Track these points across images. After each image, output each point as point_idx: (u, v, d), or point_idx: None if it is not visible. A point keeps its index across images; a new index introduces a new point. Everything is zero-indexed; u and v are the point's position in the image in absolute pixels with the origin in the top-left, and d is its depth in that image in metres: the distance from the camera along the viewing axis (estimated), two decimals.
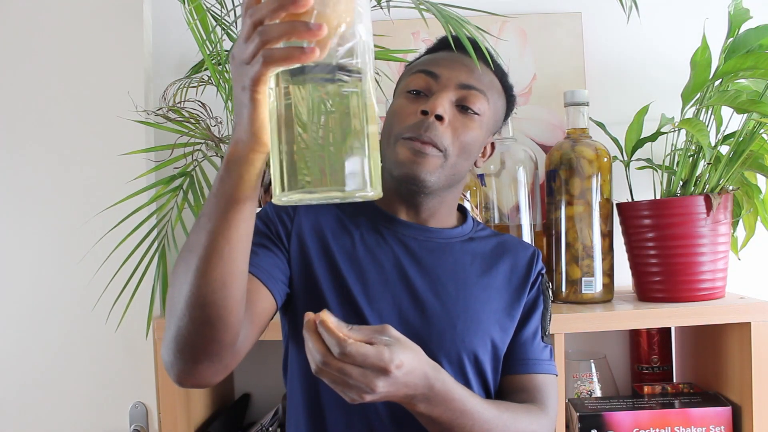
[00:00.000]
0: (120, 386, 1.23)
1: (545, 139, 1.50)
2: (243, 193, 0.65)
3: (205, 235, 0.66)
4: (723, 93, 1.19)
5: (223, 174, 0.65)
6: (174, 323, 0.69)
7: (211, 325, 0.68)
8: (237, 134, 0.63)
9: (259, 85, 0.57)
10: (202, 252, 0.66)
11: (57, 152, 1.24)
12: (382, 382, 0.66)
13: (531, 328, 0.92)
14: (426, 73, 0.89)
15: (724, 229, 1.21)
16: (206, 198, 1.18)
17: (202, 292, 0.67)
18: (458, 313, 0.87)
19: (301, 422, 0.88)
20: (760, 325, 1.14)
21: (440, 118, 0.85)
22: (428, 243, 0.92)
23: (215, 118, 1.24)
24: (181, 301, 0.68)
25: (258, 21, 0.55)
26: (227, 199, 0.65)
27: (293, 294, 0.88)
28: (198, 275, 0.66)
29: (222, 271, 0.67)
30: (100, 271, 1.13)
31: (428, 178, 0.86)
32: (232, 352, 0.72)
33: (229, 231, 0.66)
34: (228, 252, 0.66)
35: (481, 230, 0.99)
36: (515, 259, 0.95)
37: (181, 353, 0.70)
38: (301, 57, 0.53)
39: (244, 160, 0.63)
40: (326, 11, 0.54)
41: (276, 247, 0.87)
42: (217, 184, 0.66)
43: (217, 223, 0.66)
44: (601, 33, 1.50)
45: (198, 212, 1.15)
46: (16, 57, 1.25)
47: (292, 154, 0.56)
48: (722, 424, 1.16)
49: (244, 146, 0.62)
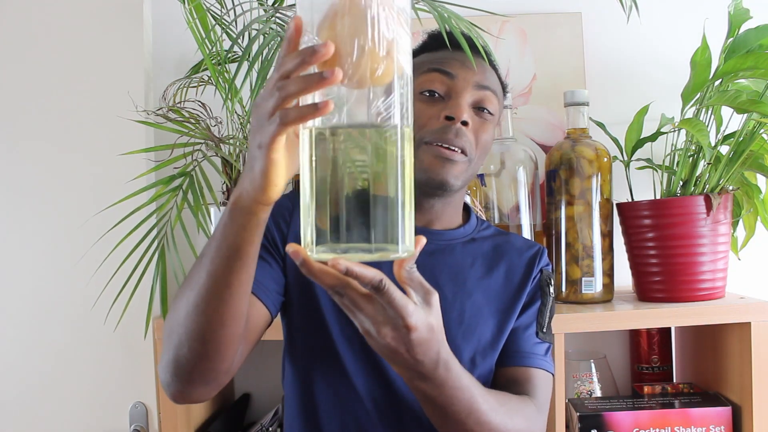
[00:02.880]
0: (120, 386, 1.22)
1: (545, 139, 1.50)
2: (245, 240, 0.64)
3: (205, 276, 0.66)
4: (723, 93, 1.19)
5: (226, 221, 0.64)
6: (172, 350, 0.70)
7: (209, 357, 0.69)
8: (243, 184, 0.61)
9: (275, 144, 0.56)
10: (202, 292, 0.66)
11: (57, 152, 1.24)
12: (391, 332, 0.63)
13: (524, 321, 0.91)
14: (441, 72, 0.88)
15: (724, 229, 1.21)
16: (209, 209, 1.19)
17: (201, 329, 0.67)
18: (454, 319, 0.86)
19: (296, 424, 0.88)
20: (760, 325, 1.14)
21: (466, 123, 0.85)
22: (429, 245, 0.90)
23: (215, 118, 1.24)
24: (180, 333, 0.69)
25: (285, 75, 0.54)
26: (229, 245, 0.64)
27: (288, 301, 0.87)
28: (197, 312, 0.67)
29: (221, 312, 0.67)
30: (99, 271, 1.13)
31: (455, 183, 0.86)
32: (227, 375, 0.74)
33: (230, 276, 0.65)
34: (228, 295, 0.67)
35: (485, 229, 0.97)
36: (515, 260, 0.94)
37: (178, 377, 0.71)
38: (314, 113, 0.52)
39: (248, 210, 0.62)
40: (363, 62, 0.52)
41: (270, 256, 0.86)
42: (219, 229, 0.65)
43: (218, 267, 0.65)
44: (601, 33, 1.50)
45: (197, 212, 1.16)
46: (16, 57, 1.25)
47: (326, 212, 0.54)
48: (722, 424, 1.16)
49: (249, 198, 0.61)
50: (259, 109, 0.57)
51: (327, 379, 0.86)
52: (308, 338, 0.88)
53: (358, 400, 0.84)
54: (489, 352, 0.88)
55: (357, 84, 0.53)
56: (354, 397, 0.84)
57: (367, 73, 0.52)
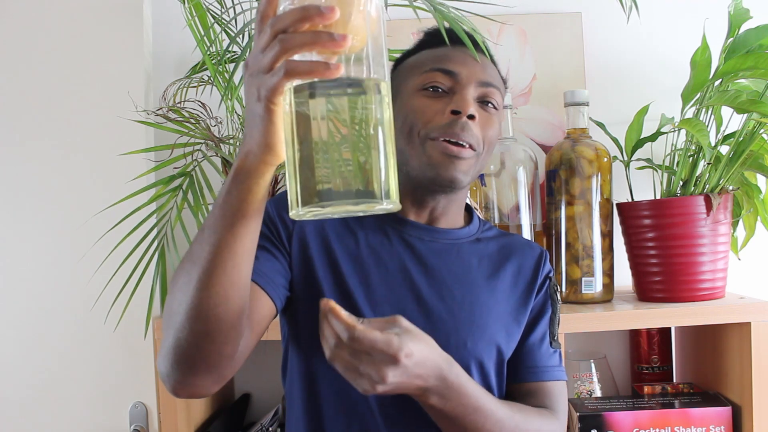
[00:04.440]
0: (120, 386, 1.22)
1: (545, 139, 1.50)
2: (250, 205, 0.63)
3: (208, 247, 0.64)
4: (723, 93, 1.19)
5: (230, 186, 0.63)
6: (173, 334, 0.68)
7: (212, 338, 0.67)
8: (248, 145, 0.60)
9: (277, 96, 0.55)
10: (204, 265, 0.65)
11: (57, 152, 1.24)
12: (392, 371, 0.66)
13: (538, 334, 0.91)
14: (443, 72, 0.87)
15: (724, 229, 1.21)
16: (210, 209, 1.18)
17: (203, 305, 0.65)
18: (463, 318, 0.86)
19: (301, 425, 0.87)
20: (760, 325, 1.14)
21: (472, 117, 0.84)
22: (435, 244, 0.90)
23: (215, 118, 1.24)
24: (181, 313, 0.66)
25: (280, 30, 0.53)
26: (233, 211, 0.63)
27: (294, 297, 0.86)
28: (200, 288, 0.65)
29: (225, 285, 0.65)
30: (99, 271, 1.13)
31: (463, 179, 0.85)
32: (230, 363, 0.71)
33: (234, 244, 0.64)
34: (232, 266, 0.65)
35: (488, 230, 0.97)
36: (522, 261, 0.94)
37: (179, 364, 0.69)
38: (325, 72, 0.52)
39: (254, 172, 0.61)
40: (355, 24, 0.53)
41: (277, 250, 0.85)
42: (222, 196, 0.64)
43: (221, 236, 0.64)
44: (601, 33, 1.50)
45: (197, 212, 1.16)
46: (16, 57, 1.25)
47: (310, 168, 0.54)
48: (722, 424, 1.16)
49: (255, 158, 0.60)
50: (255, 64, 0.56)
51: (330, 375, 0.86)
52: (313, 334, 0.87)
53: (363, 398, 0.84)
54: (500, 352, 0.88)
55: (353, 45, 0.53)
56: (358, 396, 0.84)
57: (359, 35, 0.53)
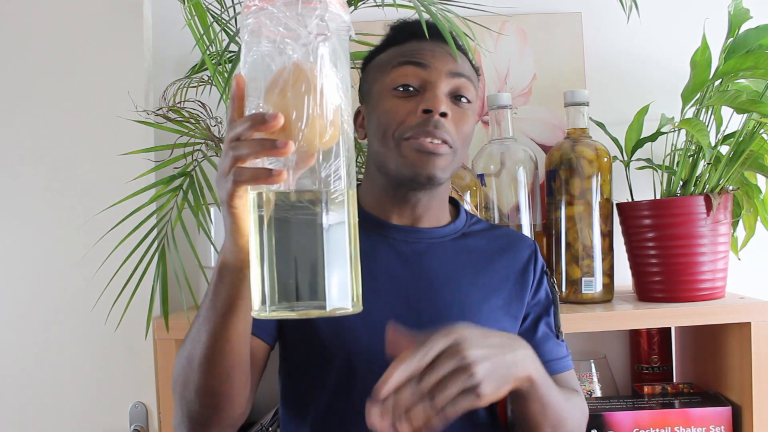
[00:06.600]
0: (120, 386, 1.22)
1: (545, 139, 1.50)
2: (237, 298, 0.66)
3: (204, 334, 0.69)
4: (723, 93, 1.19)
5: (216, 281, 0.66)
6: (185, 406, 0.74)
7: (221, 408, 0.73)
8: (224, 243, 0.64)
9: (233, 200, 0.57)
10: (203, 350, 0.69)
11: (57, 152, 1.24)
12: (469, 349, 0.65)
13: (545, 329, 0.93)
14: (413, 64, 0.85)
15: (724, 229, 1.21)
16: (210, 209, 1.19)
17: (208, 384, 0.71)
18: (453, 319, 0.84)
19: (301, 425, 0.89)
20: (760, 325, 1.14)
21: (445, 114, 0.83)
22: (419, 245, 0.90)
23: (215, 118, 1.24)
24: (189, 390, 0.72)
25: (234, 137, 0.55)
26: (222, 303, 0.67)
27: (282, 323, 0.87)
28: (202, 369, 0.70)
29: (225, 365, 0.70)
30: (99, 271, 1.12)
31: (441, 176, 0.84)
32: (242, 415, 0.78)
33: (228, 332, 0.68)
34: (229, 349, 0.69)
35: (476, 223, 0.97)
36: (513, 254, 0.94)
37: (195, 430, 0.76)
38: (267, 179, 0.53)
39: (234, 268, 0.64)
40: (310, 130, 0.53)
41: None
42: (211, 289, 0.67)
43: (215, 325, 0.68)
44: (601, 33, 1.50)
45: (198, 212, 1.15)
46: (16, 57, 1.25)
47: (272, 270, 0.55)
48: (722, 424, 1.16)
49: (231, 255, 0.63)
50: (220, 164, 0.59)
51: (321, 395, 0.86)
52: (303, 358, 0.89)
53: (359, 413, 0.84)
54: None
55: (305, 150, 0.54)
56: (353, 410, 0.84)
57: (315, 140, 0.54)
